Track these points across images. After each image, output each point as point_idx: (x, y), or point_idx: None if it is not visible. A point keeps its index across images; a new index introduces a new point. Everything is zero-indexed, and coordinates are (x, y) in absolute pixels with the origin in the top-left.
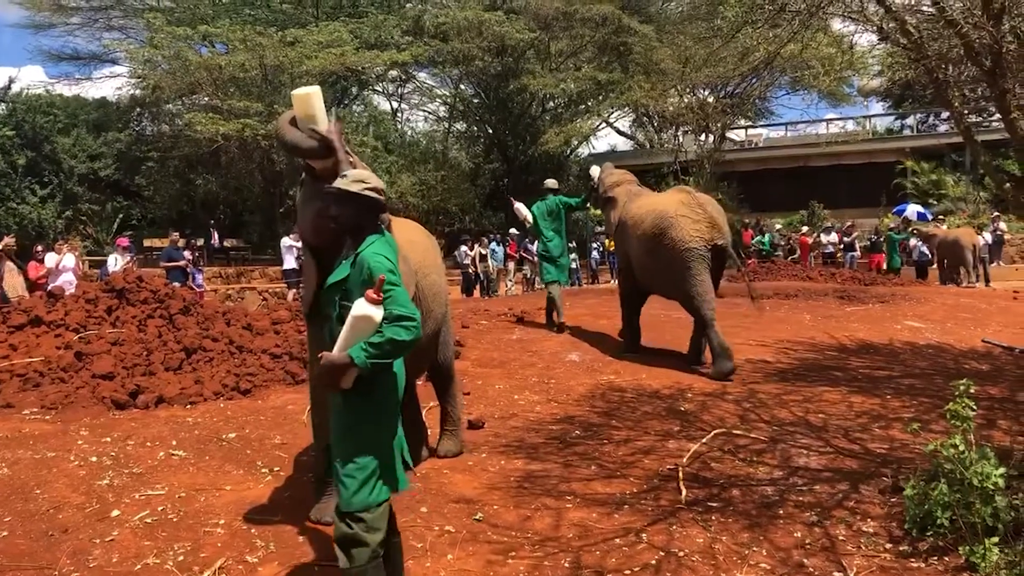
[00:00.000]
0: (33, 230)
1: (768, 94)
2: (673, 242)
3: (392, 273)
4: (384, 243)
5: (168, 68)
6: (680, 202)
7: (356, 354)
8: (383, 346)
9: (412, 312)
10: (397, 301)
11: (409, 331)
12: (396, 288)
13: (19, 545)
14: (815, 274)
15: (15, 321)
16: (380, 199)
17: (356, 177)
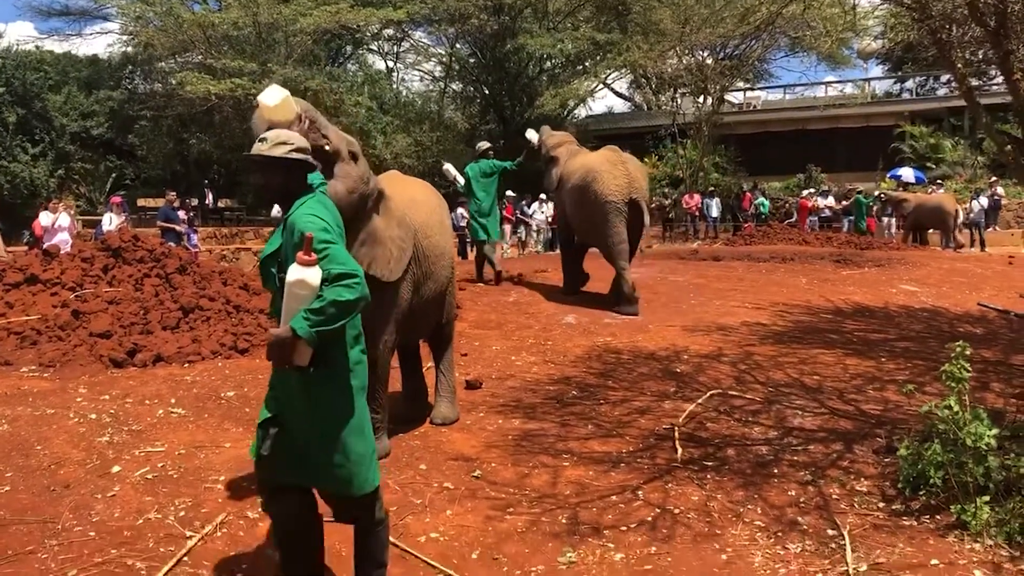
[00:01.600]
0: (25, 189)
1: (767, 56)
2: (595, 194)
3: (325, 231)
4: (315, 202)
5: (160, 25)
6: (605, 159)
7: (298, 324)
8: (325, 310)
9: (353, 268)
10: (334, 259)
11: (352, 288)
12: (332, 246)
13: (22, 500)
14: (812, 238)
15: (11, 279)
16: (307, 158)
17: (277, 139)
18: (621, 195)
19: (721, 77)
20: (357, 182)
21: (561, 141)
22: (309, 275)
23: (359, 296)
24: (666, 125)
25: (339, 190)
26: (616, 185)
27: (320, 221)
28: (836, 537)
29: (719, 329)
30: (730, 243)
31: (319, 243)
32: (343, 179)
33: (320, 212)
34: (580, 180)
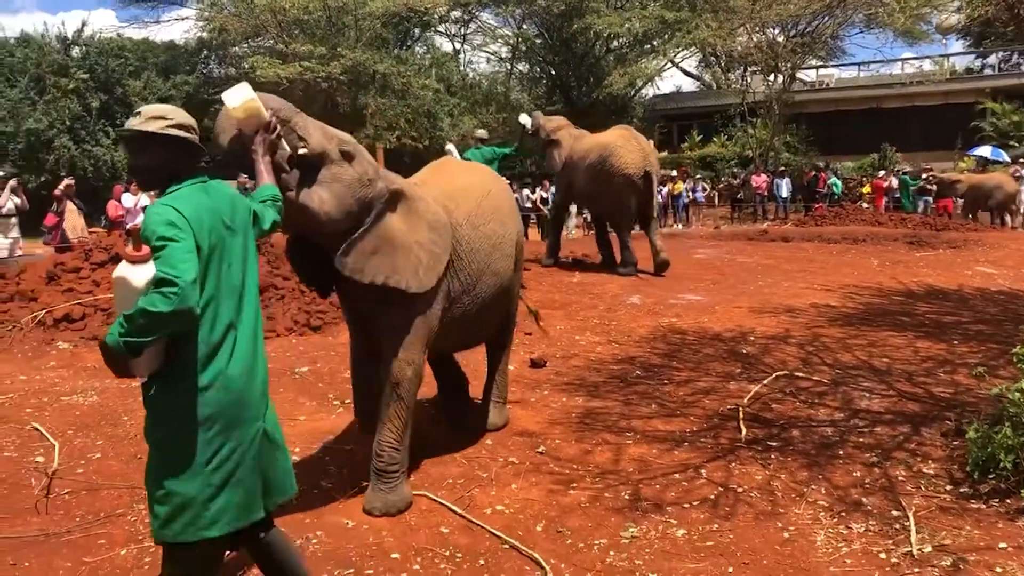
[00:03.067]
0: (107, 171)
1: (841, 32)
2: (613, 167)
3: (170, 225)
4: (188, 191)
5: (234, 10)
6: (620, 136)
7: (111, 330)
8: (135, 319)
9: (177, 274)
10: (165, 260)
11: (167, 299)
12: (171, 244)
13: (112, 466)
14: (885, 219)
15: (97, 258)
16: (189, 137)
17: (153, 113)
18: (637, 168)
19: (792, 55)
20: (352, 186)
21: (560, 125)
22: (131, 274)
23: (174, 309)
24: (735, 104)
25: (323, 197)
26: (633, 159)
27: (169, 213)
28: (900, 518)
29: (787, 310)
30: (800, 224)
31: (157, 239)
32: (329, 184)
33: (180, 203)
34: (597, 157)
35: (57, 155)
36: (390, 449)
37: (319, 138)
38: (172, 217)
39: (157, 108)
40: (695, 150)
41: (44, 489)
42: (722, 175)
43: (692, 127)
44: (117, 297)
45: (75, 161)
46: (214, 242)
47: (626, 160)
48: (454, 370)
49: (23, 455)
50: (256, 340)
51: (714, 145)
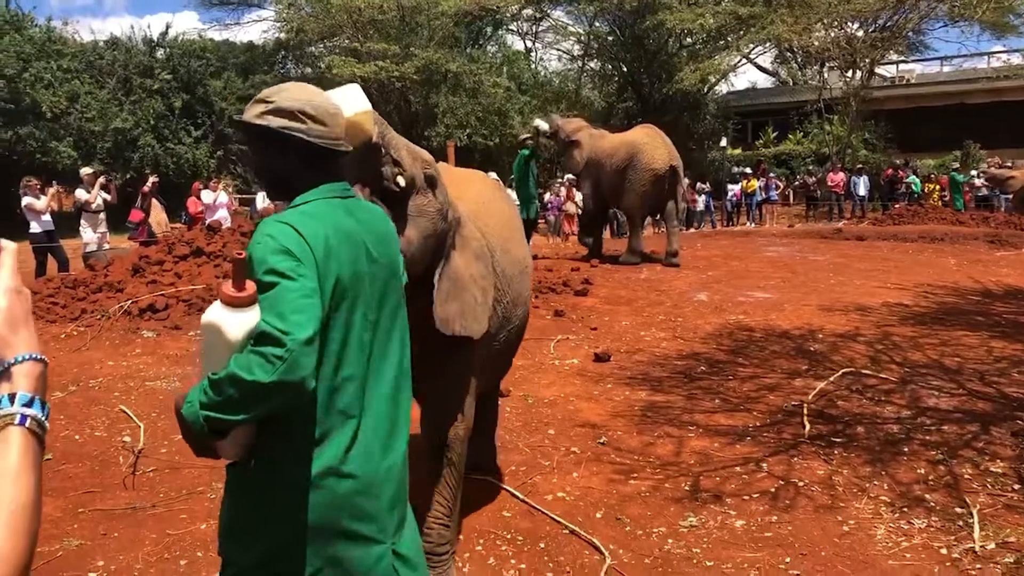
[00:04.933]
0: (189, 169)
1: (923, 26)
2: (641, 163)
3: (286, 256)
4: (326, 206)
5: (311, 11)
6: (644, 134)
7: (192, 396)
8: (222, 388)
9: (286, 328)
10: (271, 305)
11: (268, 364)
12: (282, 282)
13: None
14: (967, 217)
15: (179, 252)
16: (295, 133)
17: (259, 96)
18: (663, 164)
19: (872, 50)
20: (435, 219)
21: (579, 126)
22: (227, 321)
23: (278, 379)
24: (812, 100)
25: (409, 237)
26: (659, 155)
27: (286, 236)
28: (964, 515)
29: (857, 309)
30: (877, 223)
31: (265, 273)
32: (416, 219)
33: (304, 223)
34: (625, 154)
35: (142, 153)
36: (439, 526)
37: (410, 162)
38: (290, 242)
39: (270, 90)
40: (770, 147)
41: (131, 467)
42: (798, 173)
43: (767, 124)
44: (204, 349)
45: (158, 159)
46: (348, 281)
47: (653, 156)
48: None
49: (111, 435)
50: (394, 424)
51: (790, 142)
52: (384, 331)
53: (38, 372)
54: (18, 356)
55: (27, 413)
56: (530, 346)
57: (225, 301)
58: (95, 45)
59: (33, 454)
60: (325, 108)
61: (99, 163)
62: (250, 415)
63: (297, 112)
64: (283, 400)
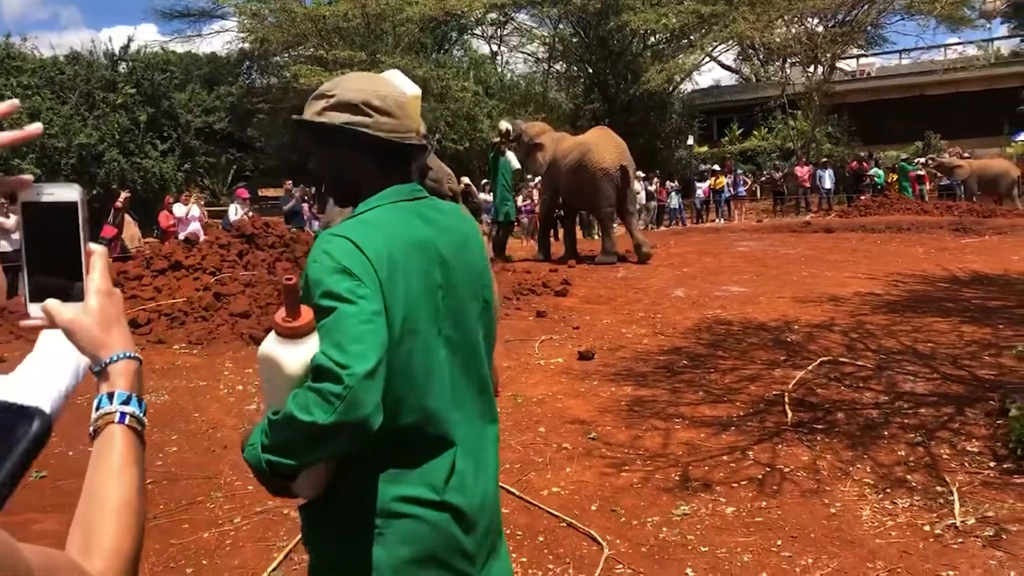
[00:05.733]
0: (156, 183)
1: (881, 20)
2: (591, 163)
3: (343, 275)
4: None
5: (275, 20)
6: (596, 136)
7: (252, 441)
8: (280, 431)
9: (345, 361)
10: (329, 334)
11: (326, 403)
12: (340, 306)
13: (188, 458)
14: (931, 207)
15: (158, 266)
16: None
17: (318, 91)
18: (613, 163)
19: (832, 45)
20: None
21: (543, 130)
22: (283, 354)
23: (336, 420)
24: (775, 96)
25: None
26: (609, 155)
27: (344, 252)
28: (944, 493)
29: (831, 300)
30: (844, 215)
31: (321, 296)
32: None
33: (364, 234)
34: (577, 155)
35: (108, 168)
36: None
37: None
38: (348, 259)
39: (330, 82)
40: (736, 144)
41: None
42: (764, 168)
43: (732, 121)
44: (264, 385)
45: (125, 174)
46: (421, 298)
47: (603, 156)
48: None
49: None
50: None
51: (755, 138)
52: (466, 350)
53: (133, 369)
54: (114, 355)
55: (126, 411)
56: (515, 347)
57: (279, 332)
58: (55, 60)
59: (134, 450)
60: (393, 97)
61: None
62: (312, 458)
63: (361, 104)
64: (346, 441)
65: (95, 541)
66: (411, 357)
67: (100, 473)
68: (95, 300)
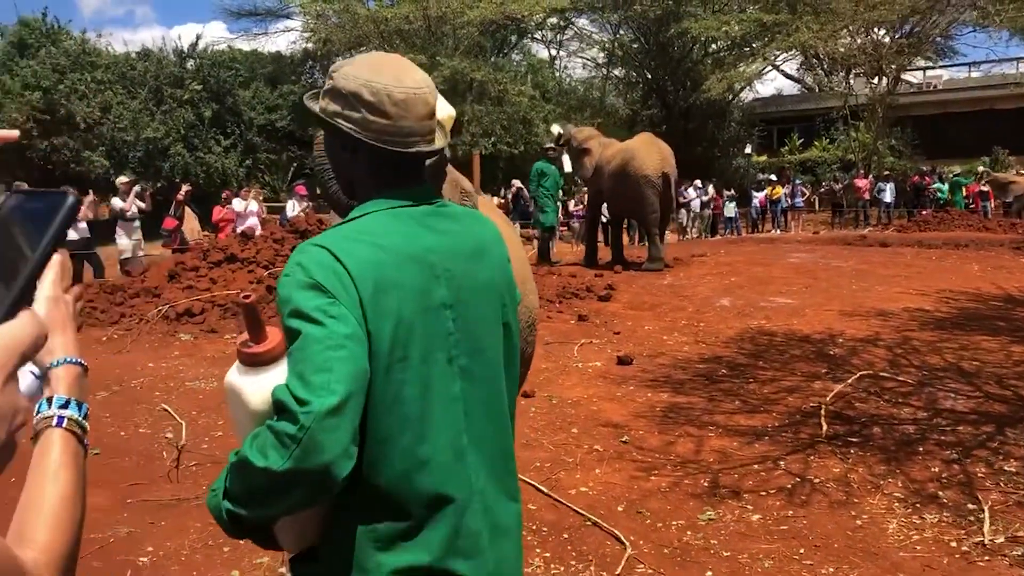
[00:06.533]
0: (218, 178)
1: (951, 32)
2: (632, 169)
3: (314, 292)
4: (390, 218)
5: (338, 21)
6: (641, 142)
7: (214, 487)
8: (237, 476)
9: (305, 396)
10: (293, 361)
11: (281, 446)
12: (307, 328)
13: (232, 443)
14: (994, 224)
15: (214, 258)
16: (342, 123)
17: (332, 68)
18: (655, 170)
19: (898, 56)
20: None
21: (591, 135)
22: (245, 384)
23: (292, 468)
24: (837, 107)
25: None
26: (651, 162)
27: (319, 264)
28: (976, 511)
29: (878, 314)
30: (903, 229)
31: (290, 315)
32: None
33: (345, 244)
34: (620, 161)
35: (172, 162)
36: None
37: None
38: (321, 273)
39: (342, 61)
40: (795, 154)
41: (175, 461)
42: (823, 179)
43: (792, 131)
44: (233, 420)
45: (188, 168)
46: (416, 319)
47: (644, 163)
48: None
49: (155, 432)
50: (506, 502)
51: (815, 149)
52: (484, 380)
53: (75, 375)
54: (55, 360)
55: (64, 415)
56: (554, 349)
57: (242, 359)
58: (127, 56)
59: (72, 452)
60: (388, 92)
61: (131, 172)
62: (269, 512)
63: (350, 96)
64: (306, 493)
65: (28, 536)
66: (402, 390)
67: (36, 475)
68: (41, 306)
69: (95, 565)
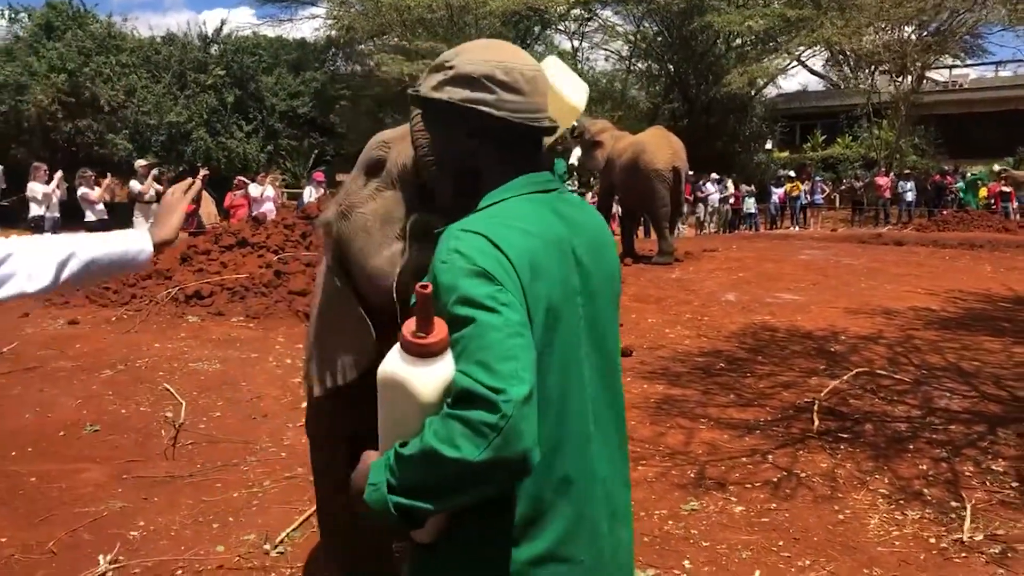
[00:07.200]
0: (239, 163)
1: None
2: (645, 163)
3: (483, 280)
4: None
5: (361, 9)
6: (652, 136)
7: (373, 480)
8: (415, 467)
9: (498, 384)
10: (469, 351)
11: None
12: (481, 316)
13: (230, 424)
14: (1014, 225)
15: (225, 242)
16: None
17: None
18: (666, 164)
19: (923, 53)
20: None
21: (604, 127)
22: (415, 375)
23: (493, 457)
24: (861, 104)
25: None
26: (662, 156)
27: (481, 251)
28: (958, 509)
29: (884, 312)
30: (922, 228)
31: (456, 304)
32: None
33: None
34: (631, 154)
35: (194, 147)
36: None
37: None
38: (486, 260)
39: (450, 51)
40: (818, 150)
41: (172, 439)
42: (844, 177)
43: (815, 127)
44: (385, 412)
45: (210, 153)
46: (561, 306)
47: (655, 157)
48: None
49: (155, 410)
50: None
51: (838, 146)
52: (600, 368)
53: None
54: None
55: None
56: None
57: (410, 350)
58: (152, 40)
59: None
60: (519, 70)
61: (153, 156)
62: (454, 502)
63: (482, 79)
64: (501, 481)
65: None
66: (547, 377)
67: None
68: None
69: (86, 538)
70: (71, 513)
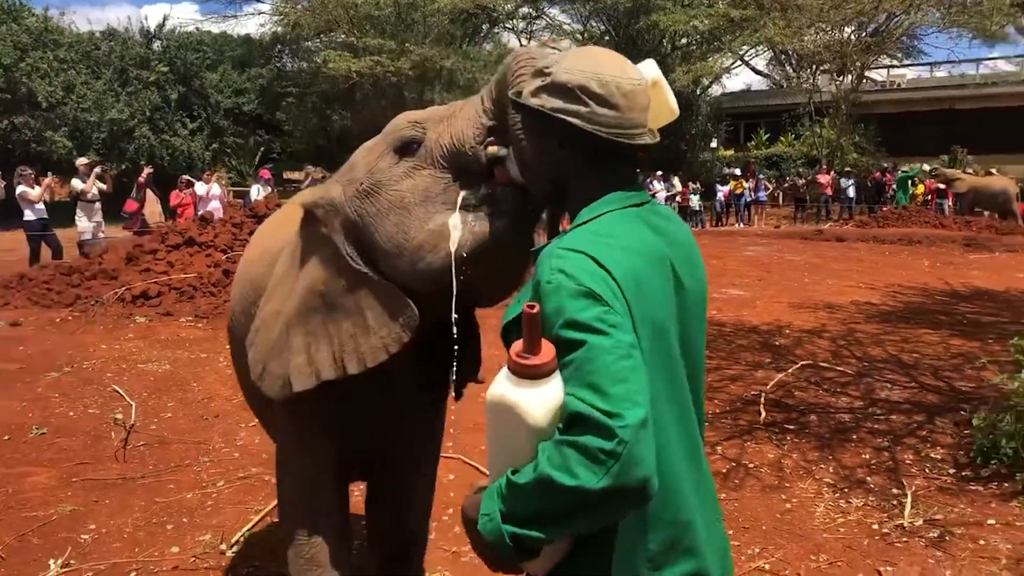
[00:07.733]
0: (183, 161)
1: (915, 31)
2: None
3: (590, 301)
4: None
5: (308, 5)
6: None
7: (486, 510)
8: (530, 497)
9: (614, 409)
10: (581, 375)
11: (596, 464)
12: (591, 339)
13: (181, 424)
14: (949, 221)
15: (172, 241)
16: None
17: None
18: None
19: (862, 54)
20: None
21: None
22: (526, 399)
23: (612, 485)
24: (803, 103)
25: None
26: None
27: (585, 272)
28: (900, 496)
29: (826, 307)
30: (862, 225)
31: (564, 327)
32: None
33: (601, 249)
34: None
35: (137, 144)
36: None
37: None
38: (592, 280)
39: (555, 56)
40: (762, 149)
41: (122, 441)
42: (787, 174)
43: (759, 126)
44: (495, 437)
45: (154, 150)
46: (663, 325)
47: None
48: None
49: (104, 412)
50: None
51: (781, 144)
52: (695, 385)
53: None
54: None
55: None
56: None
57: (519, 372)
58: (92, 36)
59: None
60: (617, 83)
61: (94, 153)
62: (569, 531)
63: (577, 90)
64: (619, 510)
65: None
66: (659, 400)
67: None
68: None
69: (35, 542)
70: (19, 517)
